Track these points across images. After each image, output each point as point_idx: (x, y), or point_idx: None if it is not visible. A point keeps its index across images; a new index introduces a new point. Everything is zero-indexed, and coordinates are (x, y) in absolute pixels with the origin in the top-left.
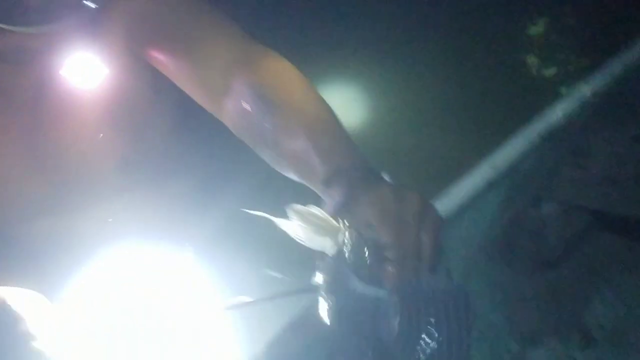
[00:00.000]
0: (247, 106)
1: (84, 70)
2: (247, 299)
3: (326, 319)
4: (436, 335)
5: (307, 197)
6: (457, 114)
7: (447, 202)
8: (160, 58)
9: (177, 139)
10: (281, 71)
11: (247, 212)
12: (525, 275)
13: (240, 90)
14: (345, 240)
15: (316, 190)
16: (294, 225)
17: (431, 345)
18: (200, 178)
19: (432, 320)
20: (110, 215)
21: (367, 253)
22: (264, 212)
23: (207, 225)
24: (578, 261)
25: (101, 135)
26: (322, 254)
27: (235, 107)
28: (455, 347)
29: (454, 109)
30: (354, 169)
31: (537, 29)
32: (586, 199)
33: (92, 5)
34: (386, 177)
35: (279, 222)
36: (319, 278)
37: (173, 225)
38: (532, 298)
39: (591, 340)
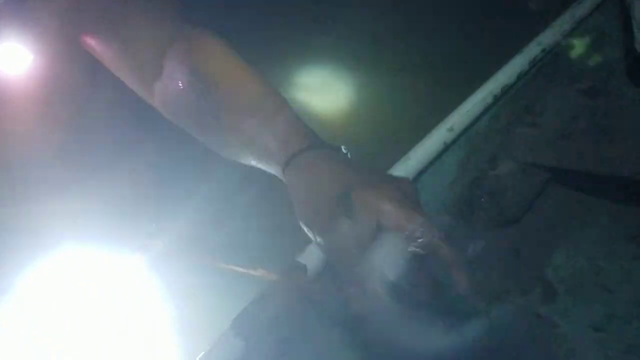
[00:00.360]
0: (181, 86)
1: (15, 57)
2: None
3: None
4: None
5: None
6: (412, 77)
7: (406, 166)
8: (92, 43)
9: (121, 127)
10: (217, 50)
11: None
12: (487, 234)
13: (174, 71)
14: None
15: (273, 172)
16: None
17: None
18: (148, 168)
19: None
20: (52, 208)
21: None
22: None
23: (158, 215)
24: (537, 218)
25: (36, 122)
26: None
27: (168, 89)
28: None
29: (409, 72)
30: (316, 147)
31: None
32: (542, 156)
33: None
34: (345, 151)
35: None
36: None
37: (121, 217)
38: (494, 256)
39: (553, 293)
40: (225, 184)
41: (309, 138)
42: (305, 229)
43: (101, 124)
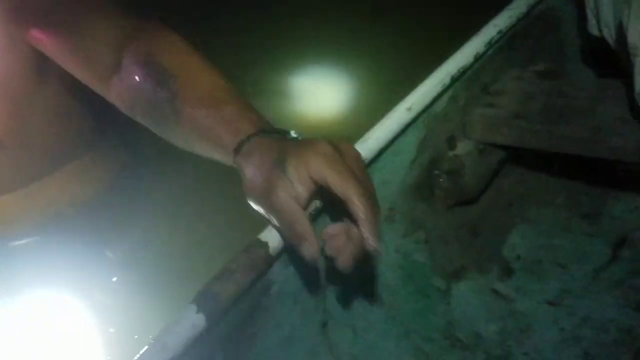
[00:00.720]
0: (139, 78)
1: None
2: None
3: None
4: None
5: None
6: (370, 58)
7: (366, 147)
8: (42, 39)
9: (69, 126)
10: (173, 43)
11: None
12: (446, 214)
13: (131, 63)
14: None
15: (227, 162)
16: None
17: None
18: (97, 164)
19: None
20: None
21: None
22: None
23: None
24: (495, 197)
25: None
26: None
27: (125, 82)
28: None
29: (367, 54)
30: (266, 132)
31: None
32: (499, 136)
33: None
34: (295, 135)
35: None
36: None
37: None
38: (453, 235)
39: (509, 270)
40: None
41: (257, 125)
42: (252, 203)
43: (48, 120)
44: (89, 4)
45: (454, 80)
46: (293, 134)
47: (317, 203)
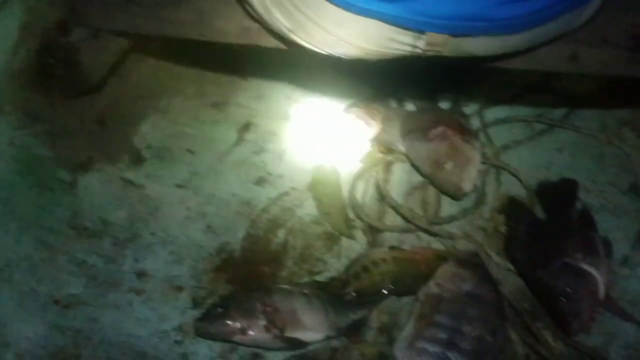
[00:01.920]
0: None
1: None
2: None
3: None
4: None
5: None
6: None
7: None
8: None
9: None
10: None
11: None
12: (68, 105)
13: None
14: None
15: None
16: None
17: None
18: None
19: None
20: None
21: None
22: None
23: None
24: (123, 88)
25: None
26: None
27: None
28: None
29: None
30: None
31: None
32: (113, 22)
33: None
34: None
35: None
36: None
37: None
38: (79, 127)
39: (140, 159)
40: None
41: None
42: None
43: None
44: None
45: None
46: None
47: None
